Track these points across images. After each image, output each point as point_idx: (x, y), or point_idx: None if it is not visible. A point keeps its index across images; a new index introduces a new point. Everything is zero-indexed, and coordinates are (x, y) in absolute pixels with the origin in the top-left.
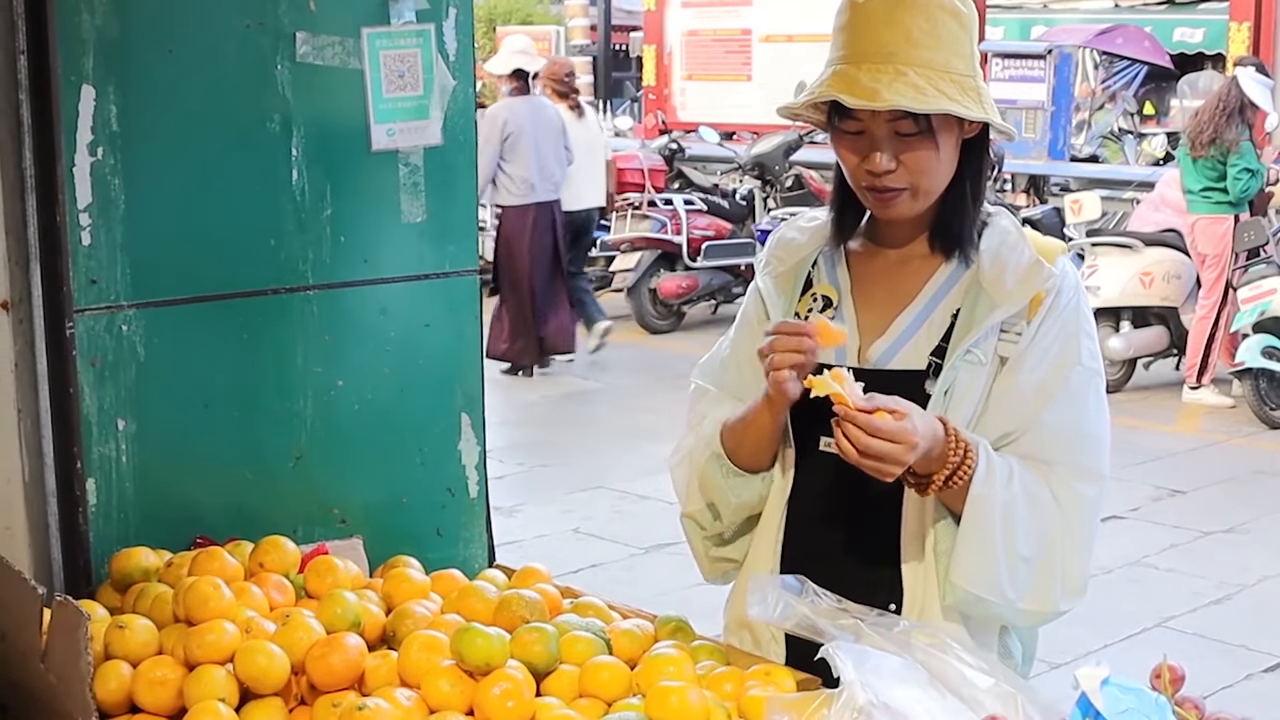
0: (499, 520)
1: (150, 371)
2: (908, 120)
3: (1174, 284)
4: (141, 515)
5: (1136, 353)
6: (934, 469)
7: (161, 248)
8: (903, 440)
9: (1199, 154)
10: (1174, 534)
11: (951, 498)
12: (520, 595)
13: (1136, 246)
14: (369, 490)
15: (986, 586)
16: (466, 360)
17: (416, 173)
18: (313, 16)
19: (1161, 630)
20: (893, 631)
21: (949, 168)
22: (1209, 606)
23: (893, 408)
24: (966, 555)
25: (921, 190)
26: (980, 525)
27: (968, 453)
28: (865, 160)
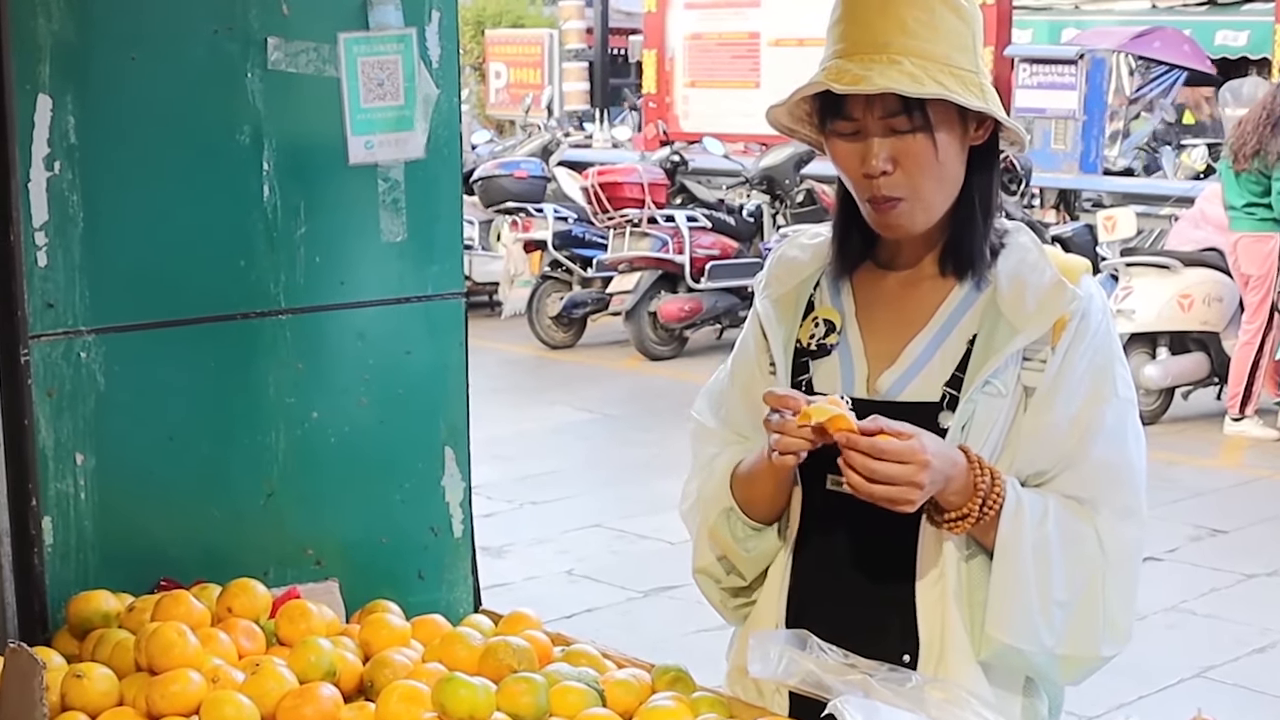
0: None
1: (111, 402)
2: (902, 115)
3: (1215, 307)
4: (101, 556)
5: (1174, 382)
6: (962, 501)
7: (123, 269)
8: (911, 460)
9: (1242, 167)
10: (1215, 577)
11: (985, 533)
12: (507, 643)
13: (1175, 267)
14: (346, 529)
15: (1023, 636)
16: (451, 389)
17: (397, 188)
18: (286, 21)
19: (1201, 681)
20: (905, 687)
21: (953, 175)
22: (1252, 655)
23: (898, 430)
24: (999, 603)
25: (922, 199)
26: (1011, 569)
27: (996, 478)
28: (862, 163)
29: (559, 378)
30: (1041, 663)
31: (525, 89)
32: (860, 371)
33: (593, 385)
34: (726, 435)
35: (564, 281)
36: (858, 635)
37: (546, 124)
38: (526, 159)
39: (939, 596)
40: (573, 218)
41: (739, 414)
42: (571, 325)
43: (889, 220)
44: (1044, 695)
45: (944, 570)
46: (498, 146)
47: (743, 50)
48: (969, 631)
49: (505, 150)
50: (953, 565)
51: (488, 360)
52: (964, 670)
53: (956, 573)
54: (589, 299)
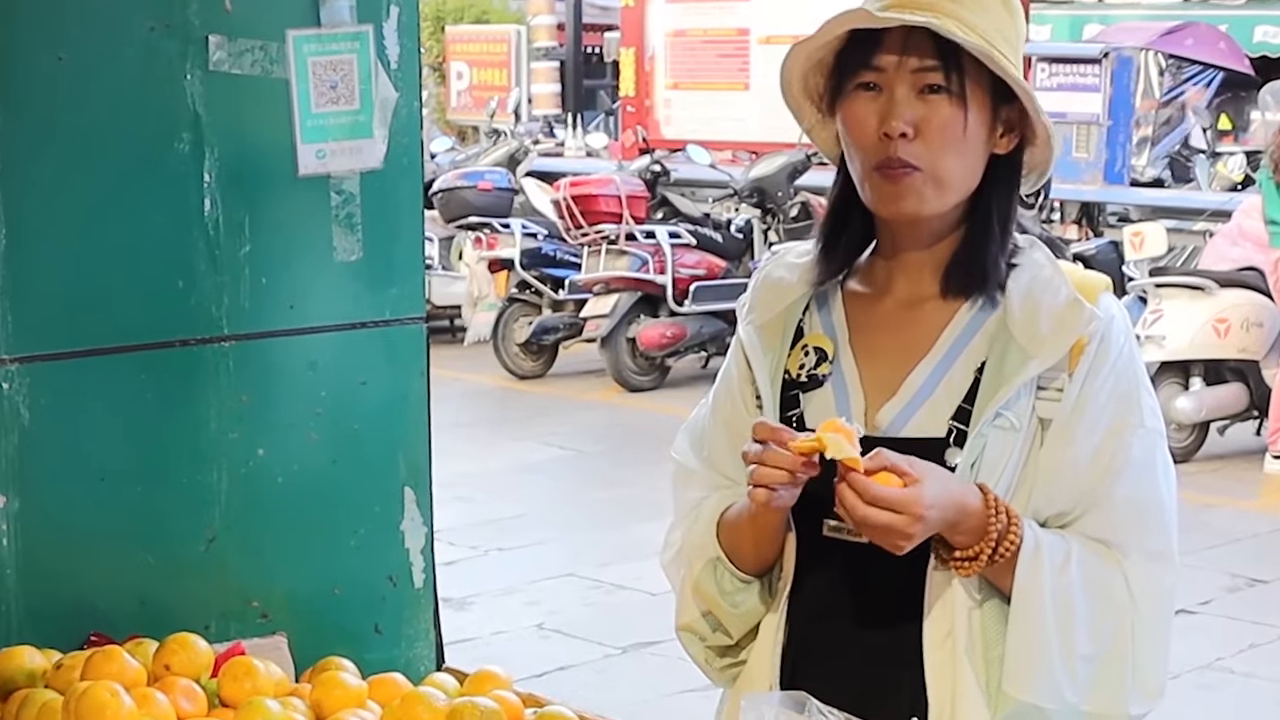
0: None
1: (36, 438)
2: (936, 68)
3: (1254, 332)
4: (25, 608)
5: (1210, 415)
6: (972, 542)
7: (50, 291)
8: (905, 511)
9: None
10: (1254, 631)
11: (1000, 576)
12: (474, 704)
13: (1209, 288)
14: (295, 579)
15: (1044, 693)
16: (411, 424)
17: (352, 202)
18: (229, 17)
19: None
20: None
21: (973, 166)
22: None
23: (904, 470)
24: (1017, 658)
25: (939, 177)
26: (1030, 619)
27: (1012, 520)
28: (881, 121)
29: (528, 411)
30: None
31: (490, 91)
32: (857, 404)
33: (565, 419)
34: (711, 478)
35: (533, 304)
36: (861, 696)
37: (513, 130)
38: (491, 169)
39: (949, 653)
40: (542, 234)
41: (723, 454)
42: (541, 353)
43: (898, 190)
44: None
45: (954, 624)
46: (460, 155)
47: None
48: (983, 689)
49: (468, 159)
50: (963, 617)
51: (450, 391)
52: None
53: (968, 625)
54: (561, 324)
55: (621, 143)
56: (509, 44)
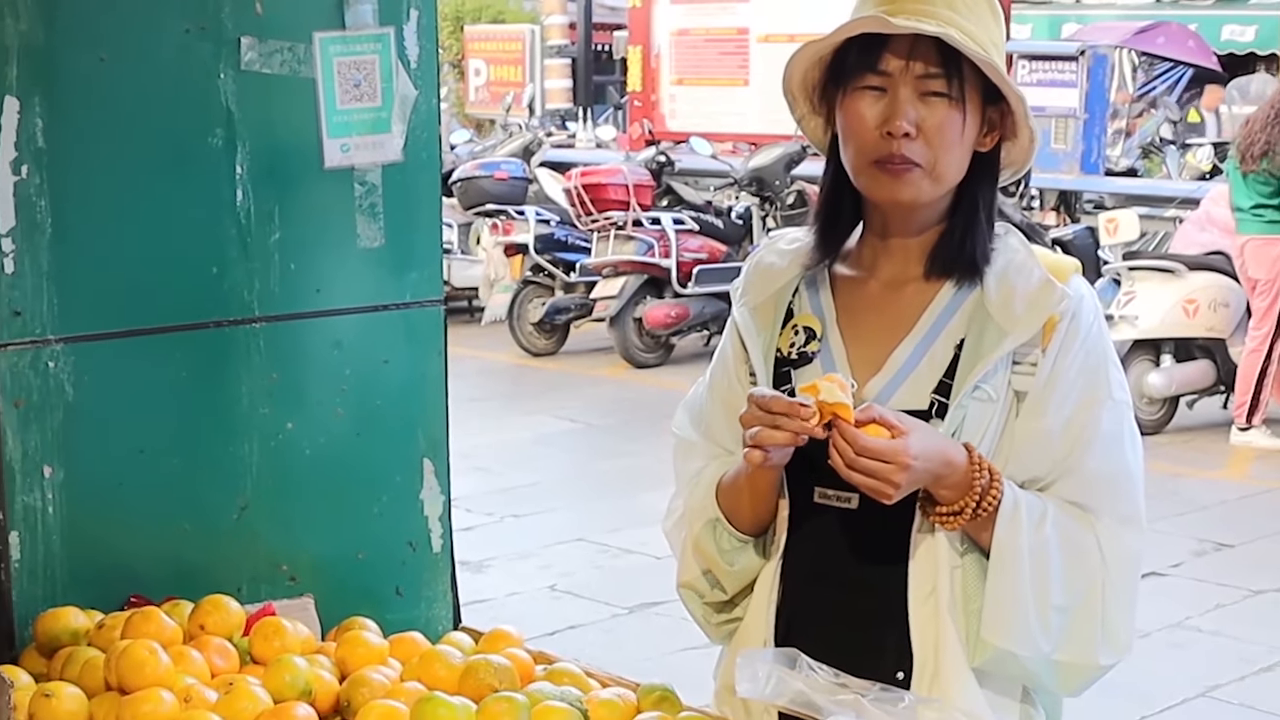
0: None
1: (80, 413)
2: (940, 79)
3: (1221, 313)
4: (70, 572)
5: (1179, 390)
6: (957, 497)
7: (93, 276)
8: (893, 460)
9: (1250, 168)
10: (1220, 593)
11: (980, 531)
12: (488, 661)
13: (1179, 271)
14: (321, 544)
15: (1019, 640)
16: (430, 400)
17: (374, 193)
18: (259, 20)
19: (1206, 701)
20: (897, 708)
21: (962, 162)
22: (1259, 674)
23: (892, 423)
24: (995, 607)
25: (937, 171)
26: (1007, 572)
27: (994, 478)
28: (885, 121)
29: (541, 386)
30: (1038, 669)
31: (506, 87)
32: (851, 384)
33: (576, 394)
34: (710, 449)
35: (546, 286)
36: (849, 651)
37: (528, 123)
38: (507, 160)
39: (932, 609)
40: (555, 220)
41: (720, 427)
42: (554, 332)
43: (898, 184)
44: (1041, 709)
45: (937, 582)
46: (477, 147)
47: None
48: (963, 641)
49: (485, 150)
50: (945, 576)
51: (467, 368)
52: (959, 683)
53: (949, 583)
54: (572, 305)
55: (629, 135)
56: (524, 42)
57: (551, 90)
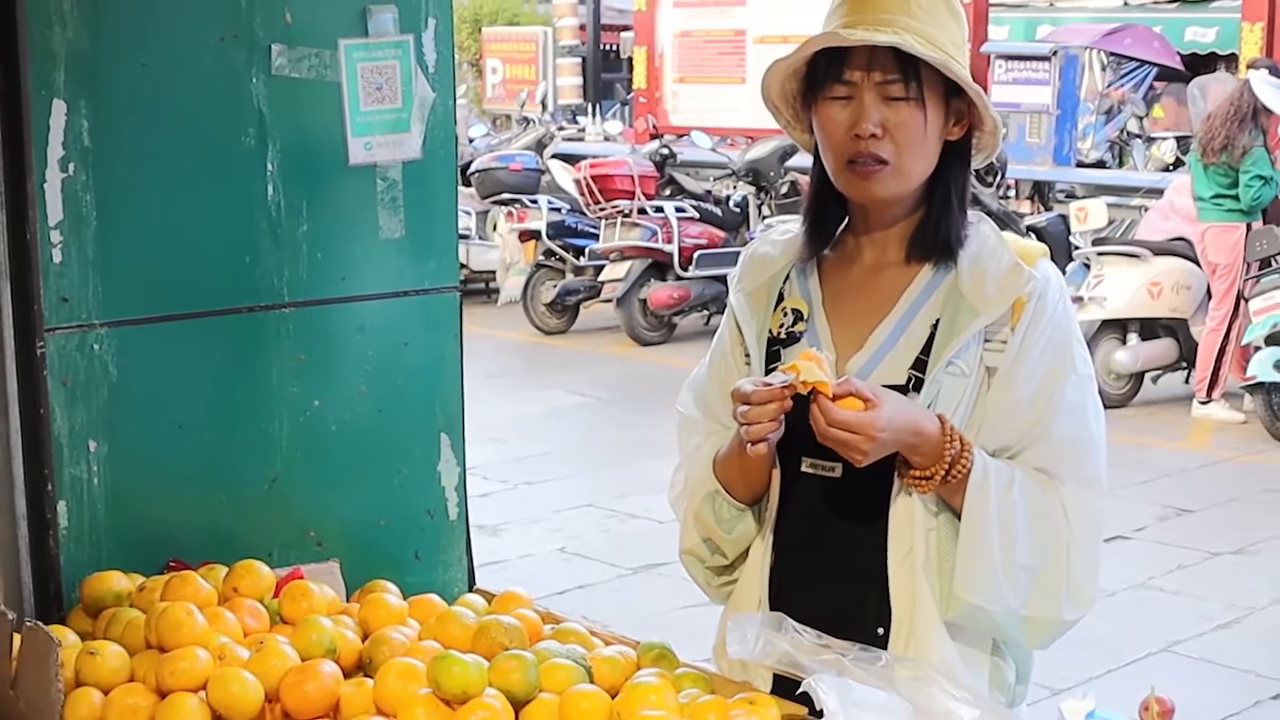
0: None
1: (123, 392)
2: (899, 84)
3: (1183, 295)
4: (114, 538)
5: (1144, 366)
6: (929, 463)
7: (134, 265)
8: (862, 431)
9: (1210, 160)
10: (1181, 555)
11: (952, 495)
12: (499, 621)
13: (1144, 256)
14: (346, 513)
15: (988, 596)
16: (446, 379)
17: (395, 187)
18: (288, 29)
19: (1168, 655)
20: (875, 666)
21: (930, 155)
22: (1217, 631)
23: (866, 396)
24: (965, 564)
25: (903, 168)
26: (977, 532)
27: (965, 447)
28: (853, 125)
29: (552, 363)
30: (1006, 623)
31: (520, 84)
32: (828, 358)
33: (585, 370)
34: (709, 425)
35: (557, 270)
36: (835, 609)
37: (541, 118)
38: (521, 152)
39: (909, 569)
40: (566, 208)
41: (718, 405)
42: (565, 312)
43: (869, 183)
44: (1011, 661)
45: (914, 544)
46: (494, 139)
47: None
48: (937, 599)
49: (501, 143)
50: (921, 538)
51: (484, 346)
52: (933, 637)
53: (925, 545)
54: (581, 287)
55: (635, 129)
56: (537, 43)
57: (563, 87)
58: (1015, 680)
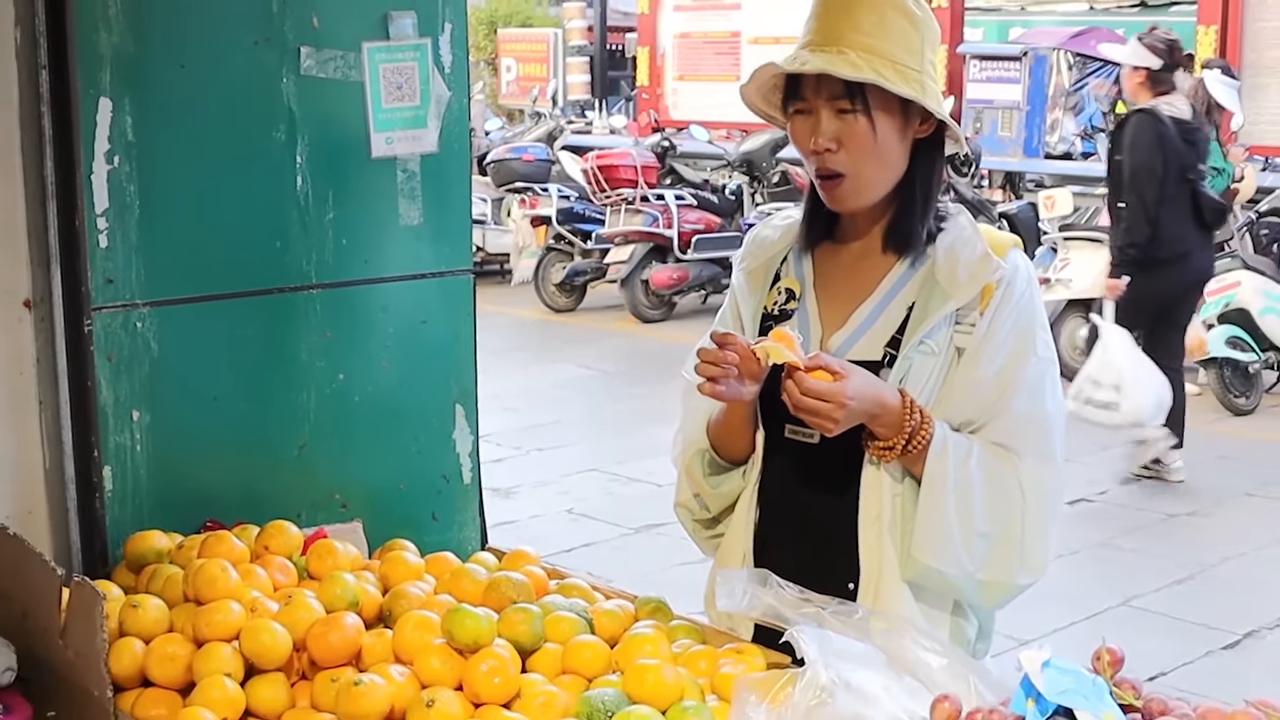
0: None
1: (163, 366)
2: (844, 99)
3: None
4: (155, 500)
5: None
6: (890, 434)
7: (174, 249)
8: (832, 399)
9: None
10: (1140, 516)
11: (914, 464)
12: (508, 577)
13: (1107, 240)
14: (369, 477)
15: (944, 559)
16: (461, 355)
17: (414, 178)
18: (316, 33)
19: (1127, 609)
20: (853, 619)
21: (893, 160)
22: (1172, 586)
23: (834, 368)
24: (923, 529)
25: (862, 178)
26: (935, 500)
27: (925, 420)
28: (809, 139)
29: (561, 339)
30: (963, 585)
31: (533, 81)
32: (815, 333)
33: (591, 345)
34: None
35: (566, 253)
36: (809, 565)
37: (551, 113)
38: (533, 144)
39: (877, 531)
40: (574, 196)
41: None
42: (573, 291)
43: (833, 195)
44: (973, 619)
45: (882, 508)
46: (508, 132)
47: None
48: (899, 558)
49: (515, 136)
50: (889, 502)
51: (499, 323)
52: (897, 595)
53: (892, 509)
54: (588, 268)
55: (638, 123)
56: (548, 43)
57: (572, 84)
58: (976, 638)
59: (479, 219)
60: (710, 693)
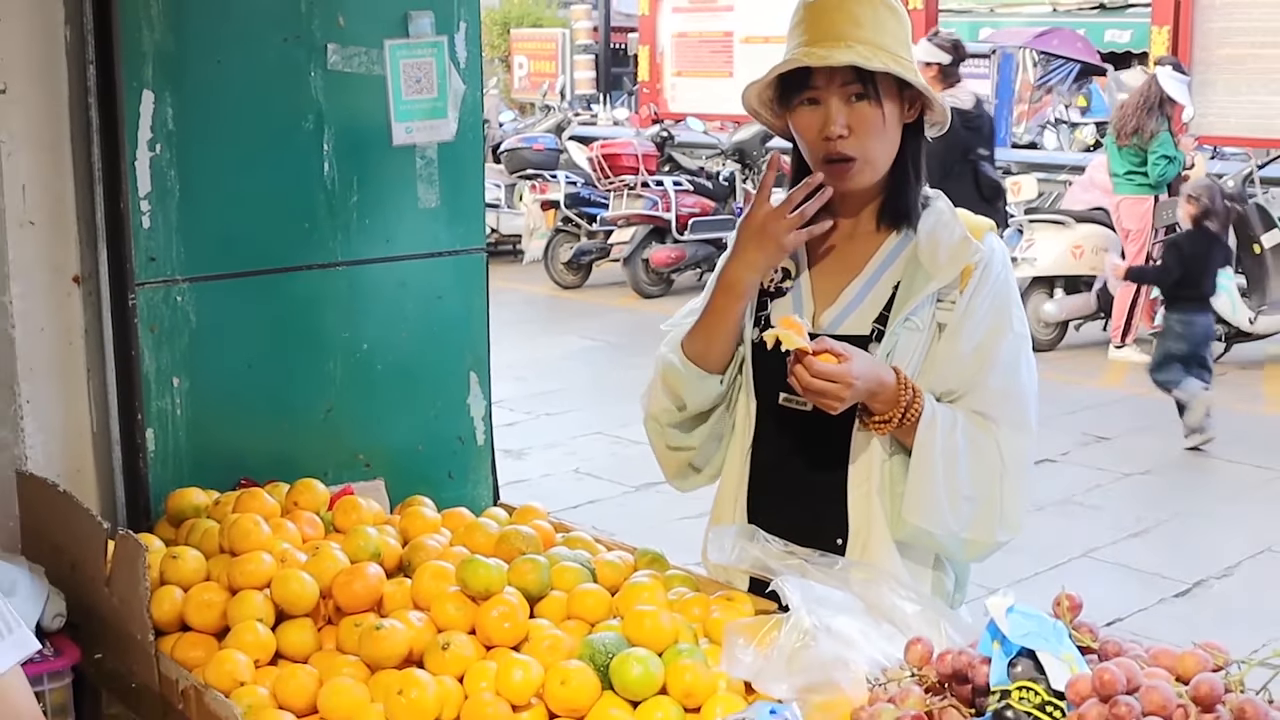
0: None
1: (201, 336)
2: (857, 84)
3: (1101, 256)
4: (193, 460)
5: (1068, 316)
6: (887, 409)
7: (211, 230)
8: (839, 380)
9: (1124, 142)
10: (1099, 475)
11: (905, 435)
12: (518, 530)
13: (1069, 223)
14: (390, 439)
15: (932, 521)
16: (474, 326)
17: (431, 164)
18: (342, 31)
19: (1087, 560)
20: (833, 570)
21: (893, 141)
22: (1128, 539)
23: (839, 351)
24: (914, 493)
25: (870, 160)
26: (925, 467)
27: (916, 395)
28: (823, 128)
29: (569, 313)
30: (948, 543)
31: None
32: (808, 309)
33: (596, 319)
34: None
35: (573, 234)
36: (801, 522)
37: (560, 106)
38: (543, 134)
39: (866, 492)
40: (581, 182)
41: None
42: (580, 270)
43: (844, 180)
44: (951, 572)
45: (871, 471)
46: (520, 124)
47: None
48: (888, 520)
49: (526, 127)
50: (877, 466)
51: (511, 298)
52: (883, 550)
53: (880, 472)
54: (594, 248)
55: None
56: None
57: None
58: (954, 589)
59: (493, 203)
60: (703, 636)
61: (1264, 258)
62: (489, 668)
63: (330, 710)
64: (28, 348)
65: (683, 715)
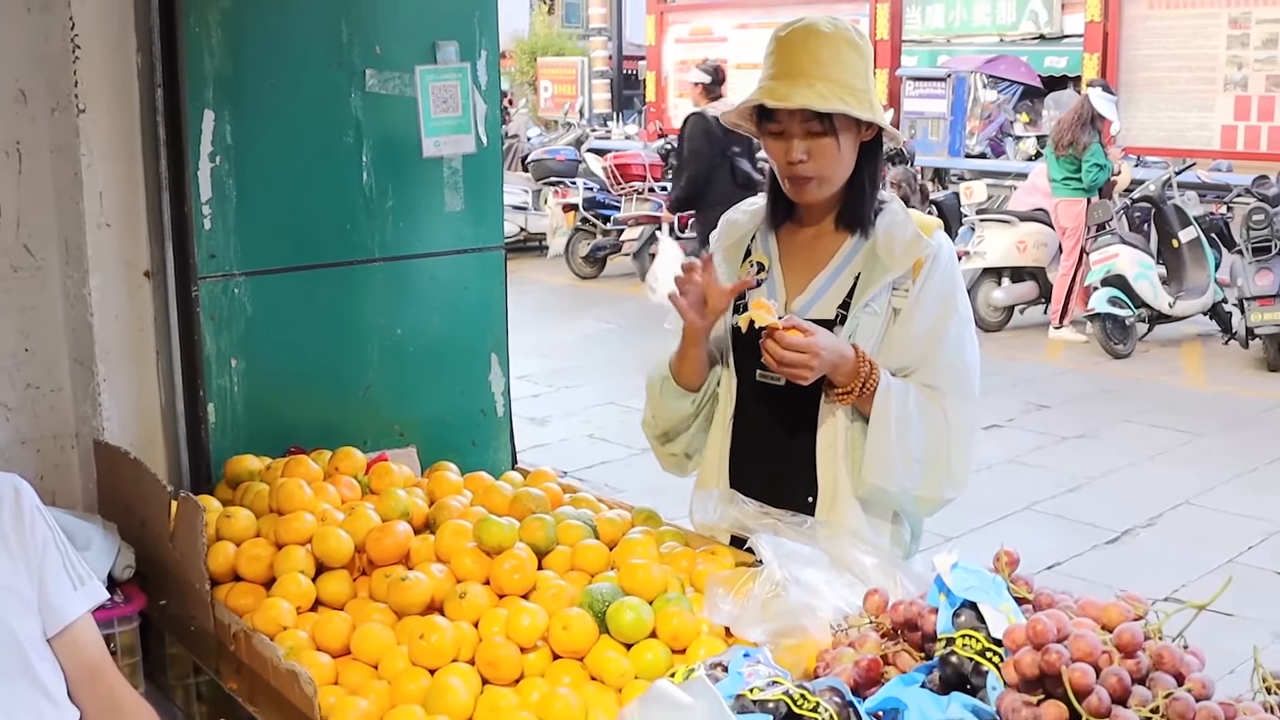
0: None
1: (256, 323)
2: (815, 120)
3: (1042, 249)
4: (249, 431)
5: (1014, 301)
6: (848, 381)
7: (264, 230)
8: (806, 350)
9: (1061, 152)
10: (1040, 438)
11: (864, 405)
12: (529, 492)
13: (1014, 221)
14: (421, 411)
15: (889, 480)
16: (495, 313)
17: (457, 174)
18: (378, 58)
19: (1029, 512)
20: (802, 528)
21: (849, 162)
22: (1066, 494)
23: (805, 328)
24: (871, 456)
25: (826, 179)
26: (881, 432)
27: (874, 369)
28: (786, 154)
29: (586, 300)
30: (902, 500)
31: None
32: (781, 296)
33: (610, 305)
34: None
35: (590, 232)
36: (776, 486)
37: (579, 123)
38: (565, 147)
39: (832, 457)
40: (597, 188)
41: None
42: (596, 263)
43: (802, 193)
44: (907, 525)
45: (836, 437)
46: (545, 138)
47: None
48: (851, 478)
49: (550, 141)
50: (842, 433)
51: (536, 288)
52: (848, 507)
53: (844, 439)
54: (608, 244)
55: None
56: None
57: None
58: (910, 540)
59: (522, 205)
60: (689, 585)
61: (1181, 251)
62: (500, 614)
63: (361, 652)
64: (104, 333)
65: (670, 656)
